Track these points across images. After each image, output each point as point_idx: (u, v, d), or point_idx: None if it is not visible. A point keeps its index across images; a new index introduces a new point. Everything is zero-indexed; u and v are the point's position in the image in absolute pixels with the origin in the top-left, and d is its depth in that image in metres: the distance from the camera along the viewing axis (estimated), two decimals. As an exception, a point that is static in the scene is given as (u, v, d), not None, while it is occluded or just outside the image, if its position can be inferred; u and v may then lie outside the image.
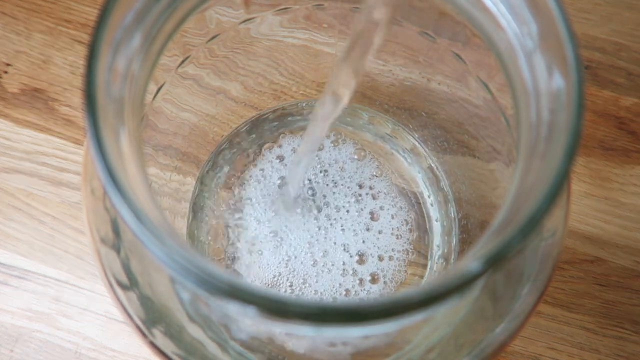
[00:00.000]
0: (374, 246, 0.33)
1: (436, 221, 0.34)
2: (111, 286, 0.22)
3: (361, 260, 0.33)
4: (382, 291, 0.33)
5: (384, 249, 0.33)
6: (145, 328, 0.22)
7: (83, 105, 0.18)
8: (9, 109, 0.38)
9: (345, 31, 0.31)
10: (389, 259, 0.33)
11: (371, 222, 0.34)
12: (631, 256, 0.36)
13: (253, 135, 0.36)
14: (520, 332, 0.23)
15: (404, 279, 0.33)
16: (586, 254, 0.36)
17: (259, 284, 0.32)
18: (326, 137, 0.35)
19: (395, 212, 0.34)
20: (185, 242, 0.32)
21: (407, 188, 0.35)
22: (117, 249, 0.22)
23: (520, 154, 0.20)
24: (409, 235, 0.34)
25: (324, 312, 0.16)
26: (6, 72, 0.39)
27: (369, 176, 0.35)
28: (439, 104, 0.32)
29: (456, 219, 0.34)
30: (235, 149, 0.35)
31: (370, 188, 0.34)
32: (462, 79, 0.28)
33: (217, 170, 0.35)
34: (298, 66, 0.35)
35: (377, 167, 0.35)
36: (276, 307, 0.16)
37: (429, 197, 0.35)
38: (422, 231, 0.34)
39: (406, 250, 0.34)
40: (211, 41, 0.29)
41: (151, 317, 0.22)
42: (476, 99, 0.28)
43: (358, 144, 0.35)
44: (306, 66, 0.35)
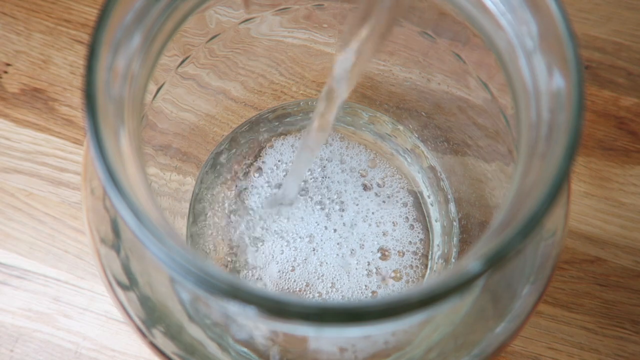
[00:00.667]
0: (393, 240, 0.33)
1: (436, 221, 0.34)
2: (111, 286, 0.22)
3: (384, 256, 0.33)
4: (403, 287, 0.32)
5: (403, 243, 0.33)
6: (145, 328, 0.22)
7: (83, 105, 0.18)
8: (9, 109, 0.38)
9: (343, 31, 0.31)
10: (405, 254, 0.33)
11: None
12: (631, 256, 0.36)
13: (253, 135, 0.36)
14: (520, 332, 0.23)
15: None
16: (586, 254, 0.36)
17: (259, 282, 0.32)
18: (328, 136, 0.35)
19: (400, 214, 0.34)
20: (185, 242, 0.32)
21: (407, 188, 0.35)
22: (117, 249, 0.22)
23: (521, 154, 0.20)
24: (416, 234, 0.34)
25: (324, 312, 0.16)
26: (6, 72, 0.39)
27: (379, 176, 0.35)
28: (439, 104, 0.32)
29: (456, 219, 0.34)
30: (235, 149, 0.35)
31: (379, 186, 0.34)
32: (462, 79, 0.28)
33: (217, 170, 0.35)
34: (298, 66, 0.35)
35: (387, 167, 0.35)
36: (276, 307, 0.16)
37: (429, 197, 0.35)
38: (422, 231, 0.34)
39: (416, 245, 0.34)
40: (211, 41, 0.29)
41: (151, 317, 0.22)
42: (476, 99, 0.28)
43: (362, 145, 0.35)
44: (306, 66, 0.35)
